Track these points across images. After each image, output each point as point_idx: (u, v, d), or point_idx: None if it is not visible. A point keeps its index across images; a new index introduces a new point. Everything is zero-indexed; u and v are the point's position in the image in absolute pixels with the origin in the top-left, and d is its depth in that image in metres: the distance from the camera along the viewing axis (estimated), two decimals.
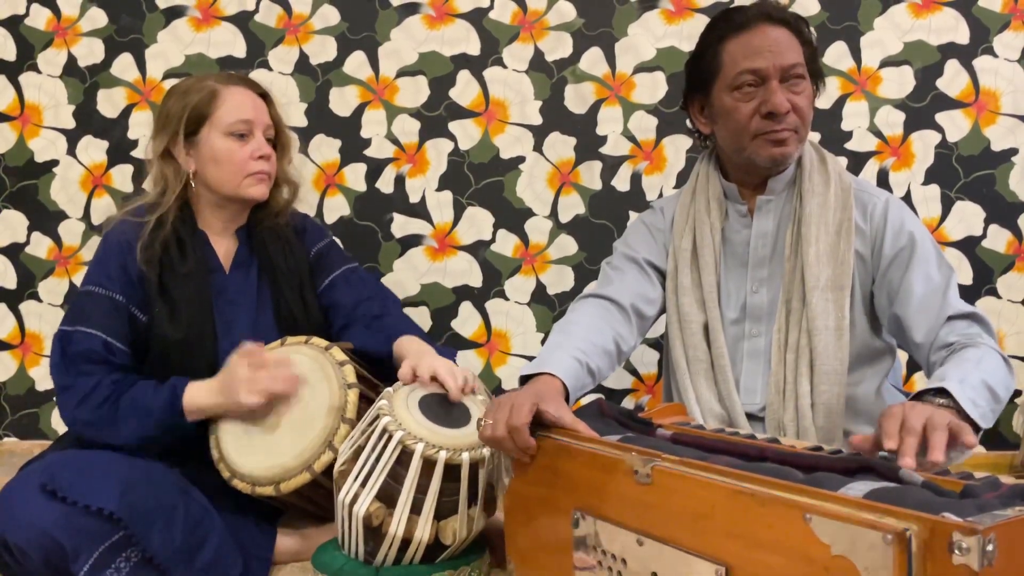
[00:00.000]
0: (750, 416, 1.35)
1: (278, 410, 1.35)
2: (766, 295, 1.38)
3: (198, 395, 1.35)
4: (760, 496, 0.76)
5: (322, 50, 2.16)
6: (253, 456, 1.33)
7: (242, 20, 2.17)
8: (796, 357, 1.32)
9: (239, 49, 2.17)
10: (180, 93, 1.47)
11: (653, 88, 2.12)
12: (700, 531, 0.83)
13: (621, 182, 2.14)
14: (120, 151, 2.19)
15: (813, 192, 1.35)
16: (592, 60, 2.13)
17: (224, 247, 1.53)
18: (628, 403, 2.18)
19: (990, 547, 0.61)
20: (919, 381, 2.04)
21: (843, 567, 0.67)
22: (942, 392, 1.07)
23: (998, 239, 2.06)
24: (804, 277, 1.32)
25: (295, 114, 2.16)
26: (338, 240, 1.73)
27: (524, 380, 1.21)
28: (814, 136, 2.06)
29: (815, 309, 1.30)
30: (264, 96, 1.52)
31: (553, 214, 2.15)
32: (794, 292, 1.34)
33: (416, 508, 1.17)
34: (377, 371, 1.46)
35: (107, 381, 1.36)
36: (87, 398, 1.34)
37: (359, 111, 2.17)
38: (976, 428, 1.07)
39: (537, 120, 2.14)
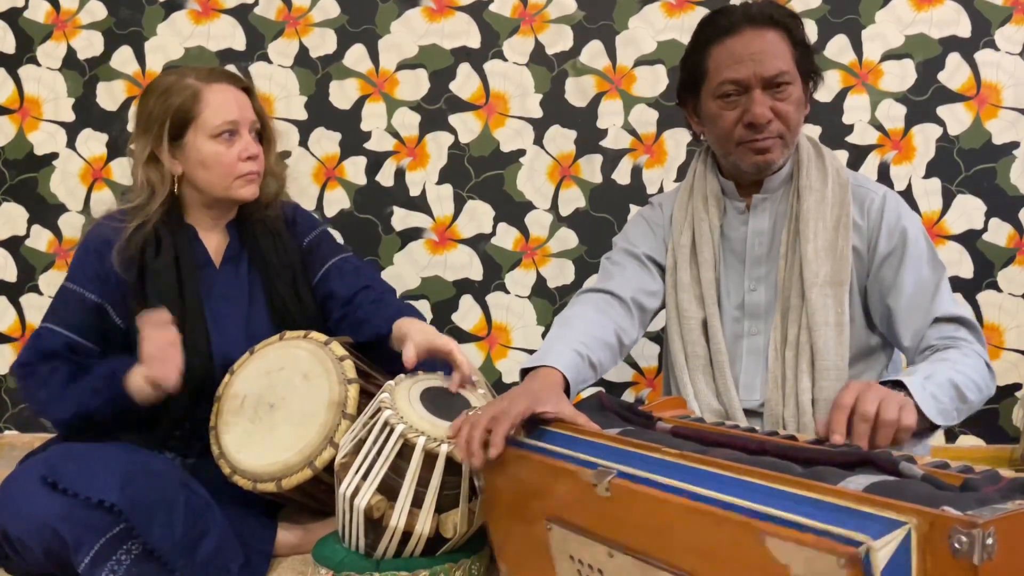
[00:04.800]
0: (749, 412, 1.35)
1: (278, 406, 1.35)
2: (764, 294, 1.38)
3: (136, 380, 1.30)
4: (715, 514, 0.75)
5: (322, 43, 2.16)
6: (254, 452, 1.33)
7: (241, 13, 2.16)
8: (796, 354, 1.32)
9: (239, 42, 2.17)
10: (160, 93, 1.42)
11: (654, 81, 2.11)
12: (664, 545, 0.81)
13: (622, 175, 2.13)
14: (120, 144, 2.19)
15: (810, 188, 1.35)
16: (593, 53, 2.12)
17: (214, 242, 1.52)
18: (629, 396, 2.18)
19: (990, 541, 0.61)
20: None
21: None
22: (901, 385, 1.09)
23: (999, 233, 2.06)
24: (803, 274, 1.32)
25: (295, 107, 2.16)
26: (332, 230, 1.72)
27: (524, 374, 1.21)
28: (815, 130, 2.06)
29: (814, 305, 1.30)
30: (247, 90, 1.49)
31: (554, 207, 2.15)
32: (792, 289, 1.34)
33: (417, 501, 1.17)
34: (377, 361, 1.46)
35: (65, 368, 1.36)
36: (46, 382, 1.35)
37: (359, 104, 2.16)
38: (932, 425, 1.10)
39: (538, 113, 2.14)
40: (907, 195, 2.06)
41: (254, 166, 1.46)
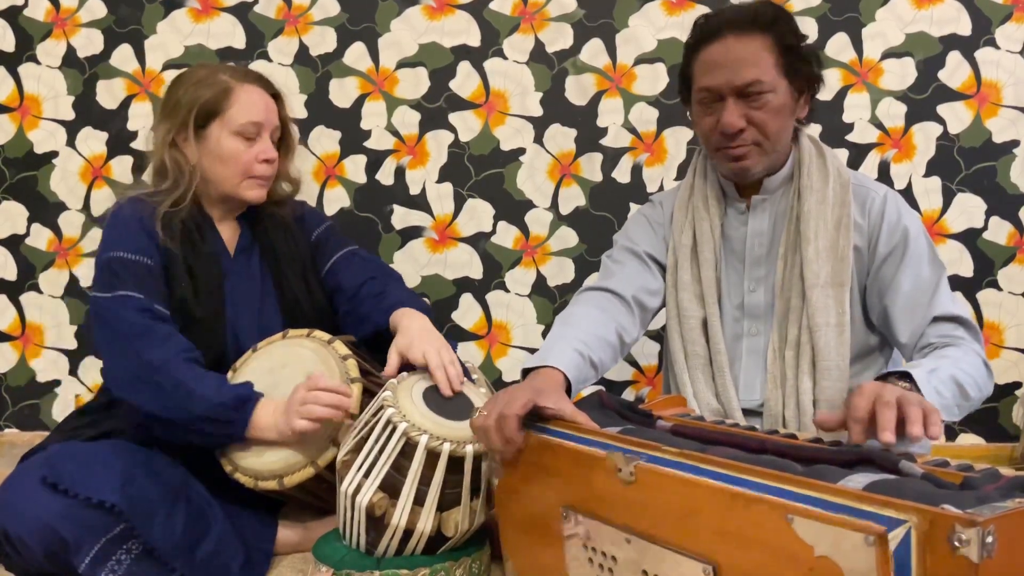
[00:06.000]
0: (748, 412, 1.36)
1: None
2: (763, 294, 1.38)
3: (265, 411, 1.31)
4: (743, 496, 0.76)
5: (322, 41, 2.16)
6: (255, 450, 1.33)
7: (241, 11, 2.16)
8: (796, 354, 1.32)
9: (239, 40, 2.17)
10: (192, 84, 1.44)
11: (654, 79, 2.11)
12: (686, 529, 0.82)
13: (622, 174, 2.13)
14: (120, 142, 2.18)
15: (811, 188, 1.35)
16: (593, 51, 2.12)
17: (228, 232, 1.53)
18: (629, 395, 2.18)
19: (990, 539, 0.61)
20: None
21: (828, 568, 0.67)
22: (907, 376, 1.08)
23: (999, 231, 2.06)
24: (803, 274, 1.32)
25: (295, 105, 2.15)
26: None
27: (526, 373, 1.21)
28: (815, 129, 2.06)
29: (815, 306, 1.30)
30: (276, 96, 1.51)
31: (553, 206, 2.15)
32: (793, 290, 1.34)
33: (419, 499, 1.18)
34: (380, 358, 1.46)
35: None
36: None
37: (359, 102, 2.16)
38: None
39: (538, 112, 2.14)
40: (907, 194, 2.06)
41: (268, 170, 1.48)
